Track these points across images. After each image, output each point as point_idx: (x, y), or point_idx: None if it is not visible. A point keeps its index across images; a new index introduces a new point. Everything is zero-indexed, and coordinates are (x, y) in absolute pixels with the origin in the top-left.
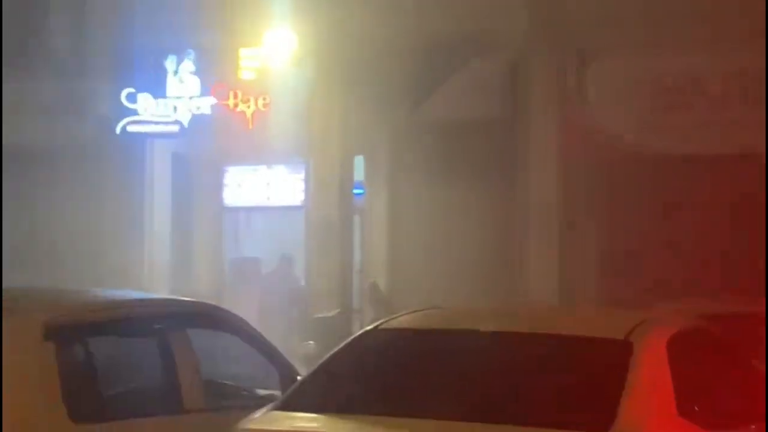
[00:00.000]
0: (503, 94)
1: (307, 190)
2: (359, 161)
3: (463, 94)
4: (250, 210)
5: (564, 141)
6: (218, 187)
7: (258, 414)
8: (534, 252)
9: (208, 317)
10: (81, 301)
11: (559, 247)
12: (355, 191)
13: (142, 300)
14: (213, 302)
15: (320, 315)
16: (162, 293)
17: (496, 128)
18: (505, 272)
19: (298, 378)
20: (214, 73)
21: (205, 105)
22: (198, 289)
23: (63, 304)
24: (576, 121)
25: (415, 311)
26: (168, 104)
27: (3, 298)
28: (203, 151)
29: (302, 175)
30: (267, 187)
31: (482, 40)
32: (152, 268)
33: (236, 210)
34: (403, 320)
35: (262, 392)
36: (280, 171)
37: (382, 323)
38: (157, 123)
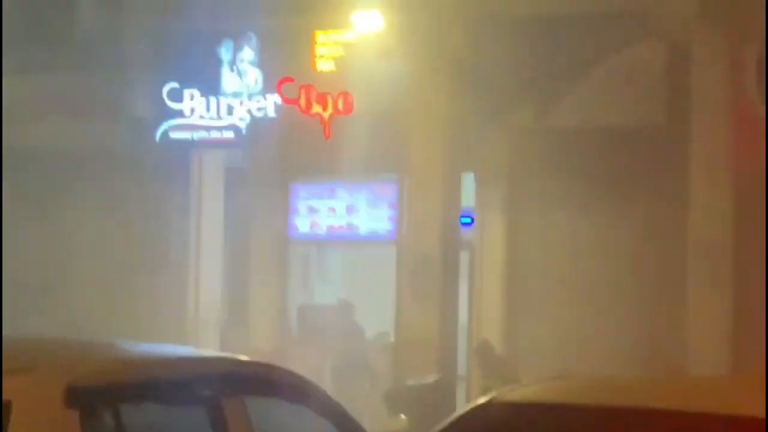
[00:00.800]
0: (660, 94)
1: (399, 218)
2: (468, 181)
3: (606, 93)
4: (324, 242)
5: (739, 155)
6: (284, 211)
7: None
8: (697, 302)
9: (269, 381)
10: (111, 359)
11: (732, 299)
12: (463, 220)
13: (186, 358)
14: (275, 361)
15: (414, 381)
16: (211, 348)
17: (649, 138)
18: (656, 328)
19: None
20: (282, 64)
21: (269, 105)
22: (256, 345)
23: (89, 362)
24: (755, 128)
25: (539, 381)
26: (222, 104)
27: (18, 351)
28: (265, 165)
29: (393, 199)
30: (347, 212)
31: (633, 25)
32: (198, 315)
33: (306, 242)
34: (524, 392)
35: None
36: (365, 192)
37: (497, 396)
38: (207, 128)
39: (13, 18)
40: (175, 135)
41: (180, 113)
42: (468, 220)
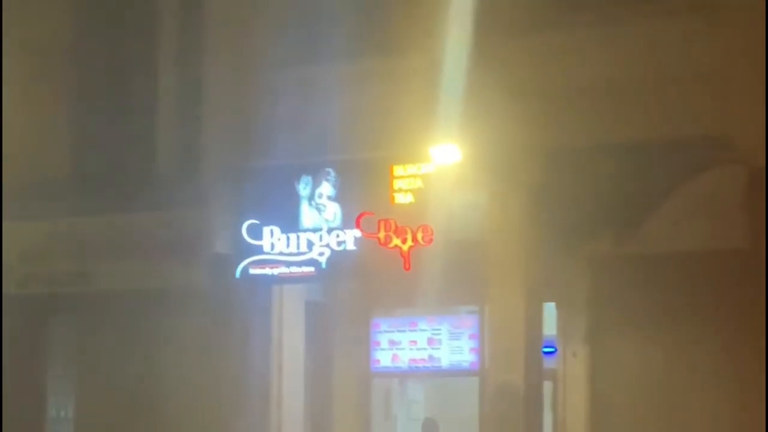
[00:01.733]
0: (739, 218)
1: (481, 349)
2: (550, 310)
3: (685, 219)
4: (406, 375)
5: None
6: (365, 345)
7: None
8: None
9: None
10: None
11: None
12: (546, 350)
13: None
14: None
15: None
16: None
17: (730, 263)
18: None
19: None
20: (360, 197)
21: (349, 239)
22: None
23: None
24: None
25: None
26: (301, 239)
27: None
28: (346, 299)
29: (475, 330)
30: (428, 345)
31: (711, 149)
32: None
33: (388, 375)
34: None
35: None
36: (446, 324)
37: None
38: (287, 263)
39: (92, 160)
40: (255, 271)
41: (260, 249)
42: (551, 349)
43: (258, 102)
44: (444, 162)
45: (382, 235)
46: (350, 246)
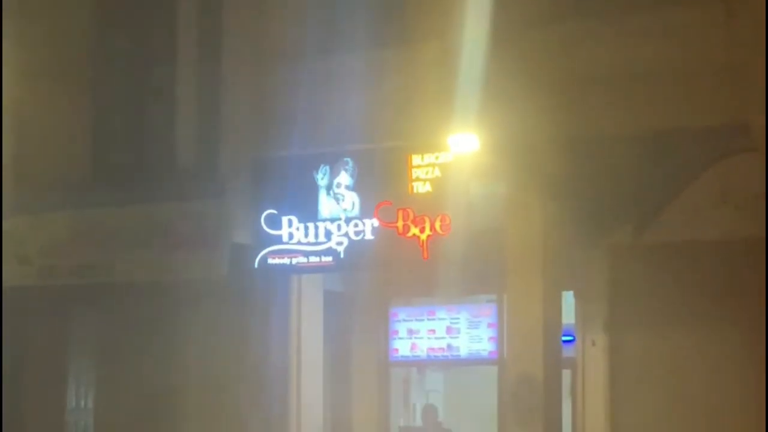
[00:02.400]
0: (758, 207)
1: (499, 338)
2: (568, 299)
3: (711, 206)
4: (425, 364)
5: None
6: (384, 334)
7: None
8: None
9: None
10: None
11: None
12: (564, 338)
13: None
14: None
15: None
16: None
17: (749, 251)
18: None
19: None
20: (378, 187)
21: (367, 229)
22: None
23: None
24: None
25: None
26: (319, 229)
27: None
28: (364, 288)
29: (493, 319)
30: (447, 334)
31: (729, 138)
32: None
33: (407, 364)
34: None
35: None
36: (465, 313)
37: None
38: (305, 253)
39: (113, 153)
40: (273, 260)
41: (278, 239)
42: (570, 338)
43: (276, 93)
44: (462, 151)
45: (400, 224)
46: (368, 235)
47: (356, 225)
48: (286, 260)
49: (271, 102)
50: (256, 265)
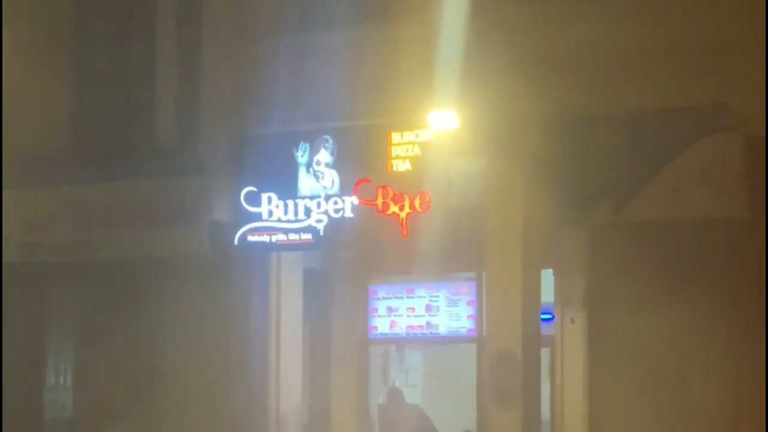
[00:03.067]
0: (739, 186)
1: (478, 316)
2: (548, 277)
3: (690, 186)
4: (404, 342)
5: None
6: (363, 312)
7: None
8: None
9: None
10: None
11: None
12: (543, 316)
13: None
14: None
15: None
16: None
17: (730, 231)
18: (743, 423)
19: None
20: (358, 165)
21: (346, 207)
22: None
23: None
24: None
25: None
26: (299, 206)
27: None
28: (344, 266)
29: (472, 297)
30: (426, 312)
31: (710, 118)
32: (280, 417)
33: (386, 342)
34: None
35: None
36: (444, 291)
37: None
38: (285, 230)
39: (93, 129)
40: (253, 238)
41: (258, 216)
42: (548, 316)
43: (256, 70)
44: (442, 129)
45: (379, 202)
46: (348, 213)
47: (336, 203)
48: (265, 238)
49: (251, 79)
50: (235, 243)
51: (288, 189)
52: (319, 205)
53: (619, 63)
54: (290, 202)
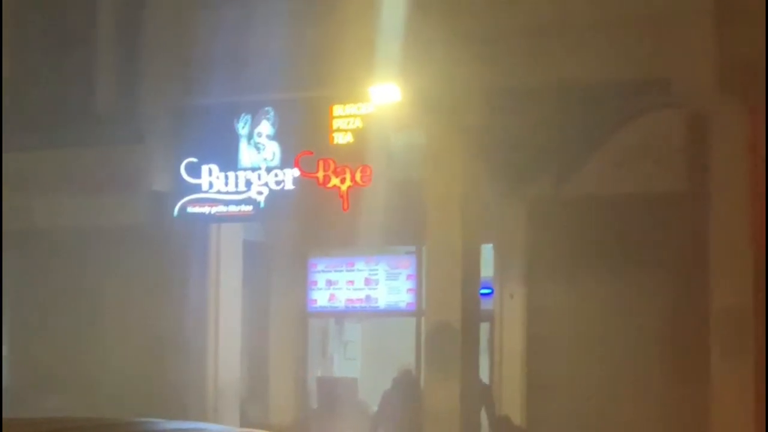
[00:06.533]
0: (680, 161)
1: (418, 290)
2: (487, 252)
3: (626, 161)
4: (343, 315)
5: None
6: (302, 285)
7: None
8: (720, 371)
9: None
10: None
11: (755, 367)
12: (482, 291)
13: None
14: None
15: None
16: (230, 423)
17: (669, 206)
18: (679, 398)
19: None
20: (299, 137)
21: (287, 179)
22: (276, 418)
23: None
24: None
25: None
26: (240, 178)
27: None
28: (284, 238)
29: (412, 270)
30: (366, 285)
31: (652, 93)
32: (218, 389)
33: (325, 315)
34: None
35: None
36: (384, 264)
37: None
38: (225, 202)
39: (31, 95)
40: (192, 209)
41: (198, 188)
42: (488, 290)
43: (197, 40)
44: (383, 102)
45: (320, 174)
46: (289, 185)
47: (276, 175)
48: (205, 209)
49: (193, 49)
50: (175, 214)
51: (229, 160)
52: (259, 177)
53: (562, 35)
54: (231, 174)
